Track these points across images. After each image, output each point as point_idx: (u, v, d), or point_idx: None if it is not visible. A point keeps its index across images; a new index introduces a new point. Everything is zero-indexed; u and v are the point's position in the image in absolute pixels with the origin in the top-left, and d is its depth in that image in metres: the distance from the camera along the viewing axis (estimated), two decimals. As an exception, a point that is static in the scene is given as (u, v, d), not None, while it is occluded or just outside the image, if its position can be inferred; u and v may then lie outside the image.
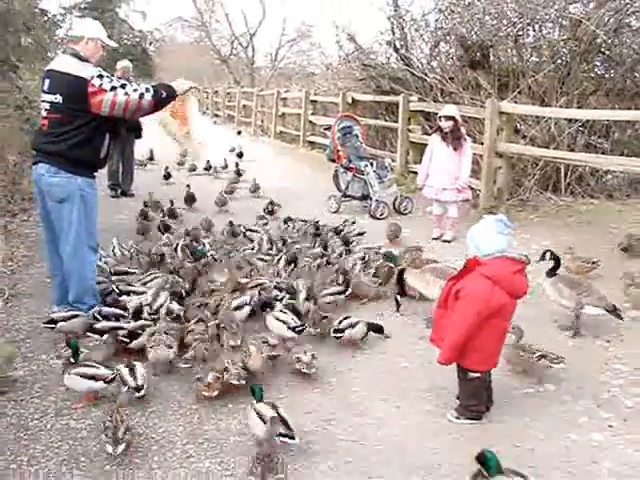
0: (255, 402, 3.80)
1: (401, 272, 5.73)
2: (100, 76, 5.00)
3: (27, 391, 4.35)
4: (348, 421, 4.08)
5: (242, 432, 3.88)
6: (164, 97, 5.26)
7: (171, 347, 4.55)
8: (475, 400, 4.10)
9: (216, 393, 4.17)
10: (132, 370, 4.15)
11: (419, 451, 3.76)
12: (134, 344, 4.73)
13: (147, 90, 5.13)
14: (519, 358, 4.59)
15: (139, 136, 11.30)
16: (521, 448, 3.82)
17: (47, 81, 5.16)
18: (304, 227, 8.18)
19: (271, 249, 7.22)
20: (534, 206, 9.60)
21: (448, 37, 12.62)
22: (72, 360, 4.22)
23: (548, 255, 5.52)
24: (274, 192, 11.08)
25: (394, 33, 13.76)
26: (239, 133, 21.53)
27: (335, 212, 10.12)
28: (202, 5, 39.13)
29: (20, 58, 9.54)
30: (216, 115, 32.42)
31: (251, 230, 8.05)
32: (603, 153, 9.69)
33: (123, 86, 5.04)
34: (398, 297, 5.72)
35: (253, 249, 7.22)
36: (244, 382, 4.28)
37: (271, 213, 9.47)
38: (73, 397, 4.23)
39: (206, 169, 13.85)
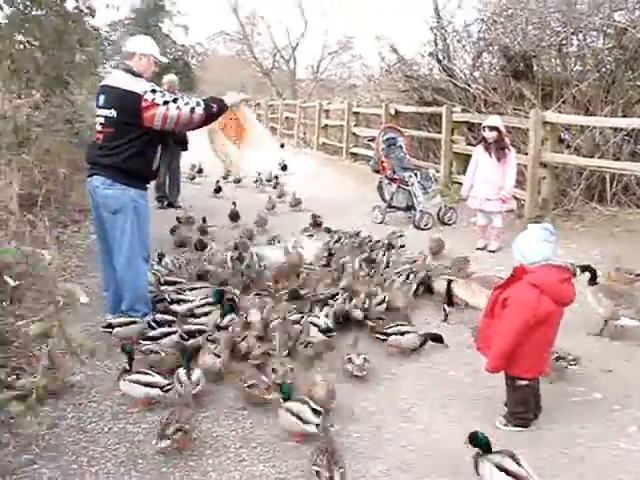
0: (283, 402, 3.92)
1: (449, 283, 5.77)
2: (153, 91, 5.17)
3: (84, 395, 4.51)
4: (397, 427, 4.15)
5: (294, 437, 3.96)
6: (215, 111, 5.41)
7: (219, 356, 4.64)
8: (523, 407, 4.13)
9: (271, 396, 4.25)
10: (189, 372, 4.28)
11: (468, 457, 3.79)
12: (190, 343, 4.89)
13: (198, 104, 5.29)
14: None
15: (185, 148, 11.54)
16: (570, 456, 3.84)
17: (102, 96, 5.34)
18: (345, 239, 8.22)
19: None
20: (579, 216, 9.53)
21: (491, 48, 12.61)
22: (127, 367, 4.36)
23: (578, 271, 5.54)
24: (319, 204, 11.19)
25: (437, 44, 13.80)
26: (282, 146, 21.62)
27: (380, 223, 10.18)
28: (244, 19, 39.66)
29: (71, 73, 9.85)
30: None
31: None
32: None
33: (175, 100, 5.20)
34: (446, 307, 5.76)
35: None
36: (289, 382, 4.40)
37: (317, 225, 9.41)
38: (129, 402, 4.37)
39: (254, 182, 13.86)
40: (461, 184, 11.55)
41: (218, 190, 12.67)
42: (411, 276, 6.51)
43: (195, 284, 6.43)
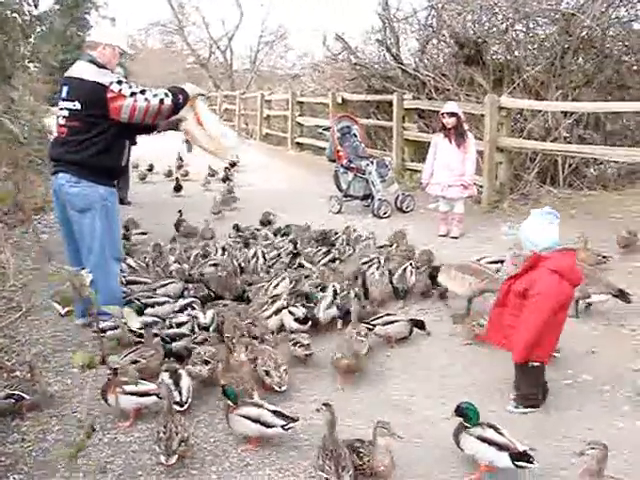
0: (234, 406, 3.77)
1: (435, 269, 5.76)
2: (119, 82, 4.96)
3: (67, 406, 4.27)
4: (397, 421, 4.04)
5: (295, 438, 3.84)
6: (181, 101, 5.23)
7: (208, 362, 4.43)
8: (536, 389, 4.18)
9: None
10: (177, 383, 4.07)
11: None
12: (175, 346, 4.70)
13: (166, 95, 5.10)
14: None
15: (134, 143, 11.19)
16: (572, 439, 3.83)
17: (65, 88, 5.10)
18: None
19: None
20: (535, 199, 9.68)
21: (441, 35, 12.64)
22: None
23: None
24: (271, 197, 11.05)
25: (385, 31, 13.76)
26: None
27: (337, 212, 10.10)
28: (178, 9, 38.76)
29: (15, 65, 9.37)
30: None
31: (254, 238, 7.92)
32: (592, 144, 9.82)
33: (143, 92, 5.00)
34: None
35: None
36: (285, 388, 4.29)
37: (268, 223, 8.81)
38: (116, 412, 4.13)
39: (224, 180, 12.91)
40: (414, 171, 11.66)
41: (178, 188, 11.77)
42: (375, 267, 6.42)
43: (162, 282, 6.21)
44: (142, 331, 4.77)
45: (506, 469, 3.37)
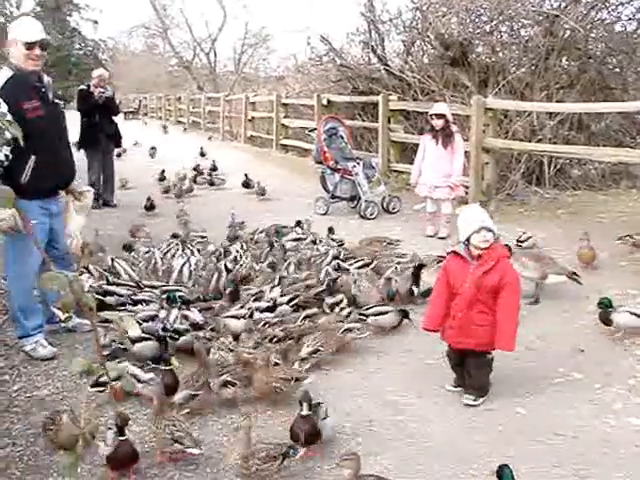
0: None
1: (419, 267, 5.74)
2: None
3: (58, 410, 4.20)
4: (391, 420, 4.07)
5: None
6: None
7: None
8: (488, 378, 4.30)
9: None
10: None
11: (468, 444, 3.78)
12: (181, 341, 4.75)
13: None
14: None
15: (119, 144, 11.15)
16: (565, 436, 3.86)
17: None
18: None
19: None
20: (522, 200, 9.74)
21: (426, 36, 12.69)
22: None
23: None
24: (256, 198, 11.04)
25: (370, 33, 13.78)
26: (202, 154, 17.30)
27: (324, 214, 10.07)
28: (162, 12, 38.72)
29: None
30: (166, 121, 31.96)
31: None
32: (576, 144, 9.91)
33: None
34: (414, 288, 5.76)
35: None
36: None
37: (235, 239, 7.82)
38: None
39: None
40: (400, 172, 11.69)
41: (150, 207, 10.26)
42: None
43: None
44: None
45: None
